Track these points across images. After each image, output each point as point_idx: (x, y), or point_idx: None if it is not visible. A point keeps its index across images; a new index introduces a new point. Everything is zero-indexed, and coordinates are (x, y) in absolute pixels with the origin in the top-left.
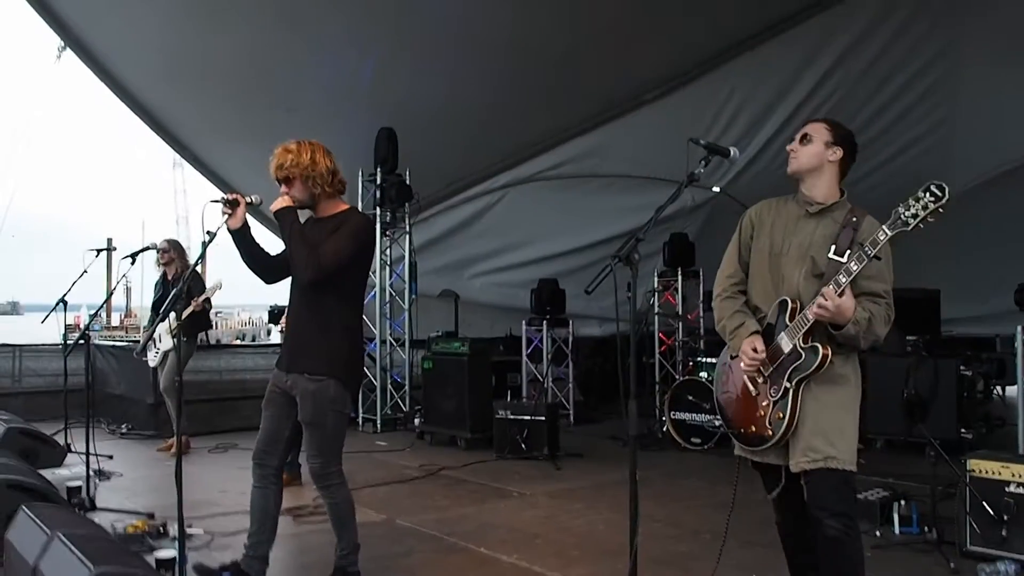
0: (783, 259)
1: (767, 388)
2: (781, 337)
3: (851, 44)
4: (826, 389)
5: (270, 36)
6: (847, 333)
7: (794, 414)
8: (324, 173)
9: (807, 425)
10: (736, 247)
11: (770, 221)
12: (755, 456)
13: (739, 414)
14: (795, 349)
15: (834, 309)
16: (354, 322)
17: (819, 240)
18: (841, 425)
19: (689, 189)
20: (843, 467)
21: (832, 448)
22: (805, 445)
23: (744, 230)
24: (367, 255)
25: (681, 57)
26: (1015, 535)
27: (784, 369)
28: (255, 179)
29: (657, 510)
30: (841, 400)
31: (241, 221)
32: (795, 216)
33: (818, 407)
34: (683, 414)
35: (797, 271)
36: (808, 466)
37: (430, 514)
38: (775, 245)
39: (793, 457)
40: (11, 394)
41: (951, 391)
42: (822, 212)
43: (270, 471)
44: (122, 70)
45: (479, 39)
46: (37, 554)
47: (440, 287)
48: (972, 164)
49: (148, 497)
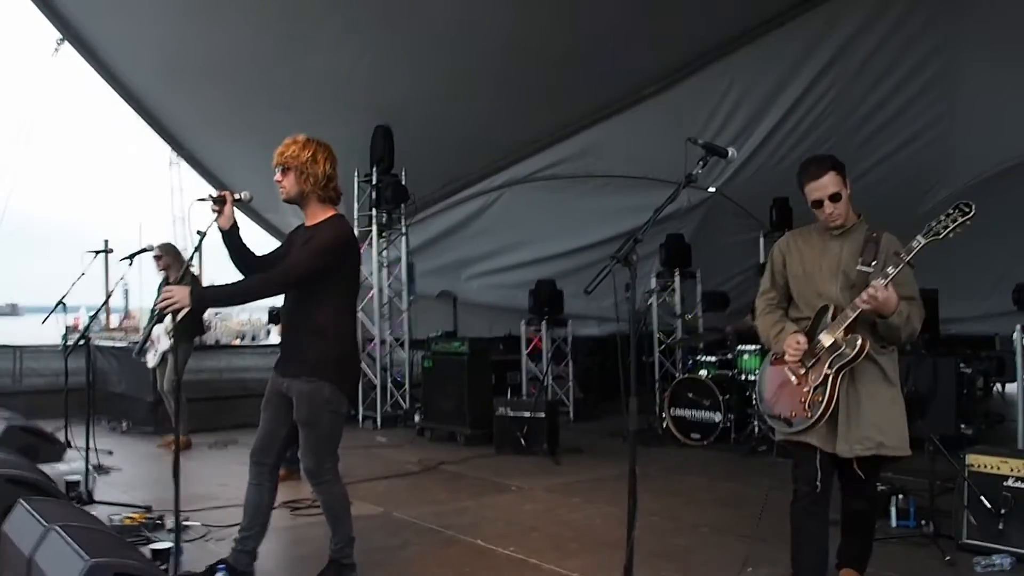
0: (818, 277)
1: (808, 377)
2: (822, 334)
3: (849, 38)
4: (879, 386)
5: (268, 34)
6: (892, 322)
7: (832, 398)
8: (319, 175)
9: (861, 417)
10: (770, 273)
11: (798, 249)
12: (797, 436)
13: (783, 402)
14: (836, 342)
15: (882, 299)
16: (345, 325)
17: (847, 257)
18: (892, 419)
19: (685, 189)
20: (893, 454)
21: (883, 437)
22: (859, 434)
23: (775, 261)
24: (347, 263)
25: (679, 52)
26: (1012, 528)
27: (825, 360)
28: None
29: (655, 504)
30: (892, 396)
31: (230, 220)
32: (820, 240)
33: (871, 403)
34: (683, 410)
35: (834, 285)
36: (862, 453)
37: (428, 507)
38: (808, 267)
39: (847, 443)
40: (12, 393)
41: (950, 388)
42: (844, 233)
43: (266, 469)
44: (120, 65)
45: (475, 38)
46: (33, 545)
47: (438, 288)
48: (972, 161)
49: (146, 491)
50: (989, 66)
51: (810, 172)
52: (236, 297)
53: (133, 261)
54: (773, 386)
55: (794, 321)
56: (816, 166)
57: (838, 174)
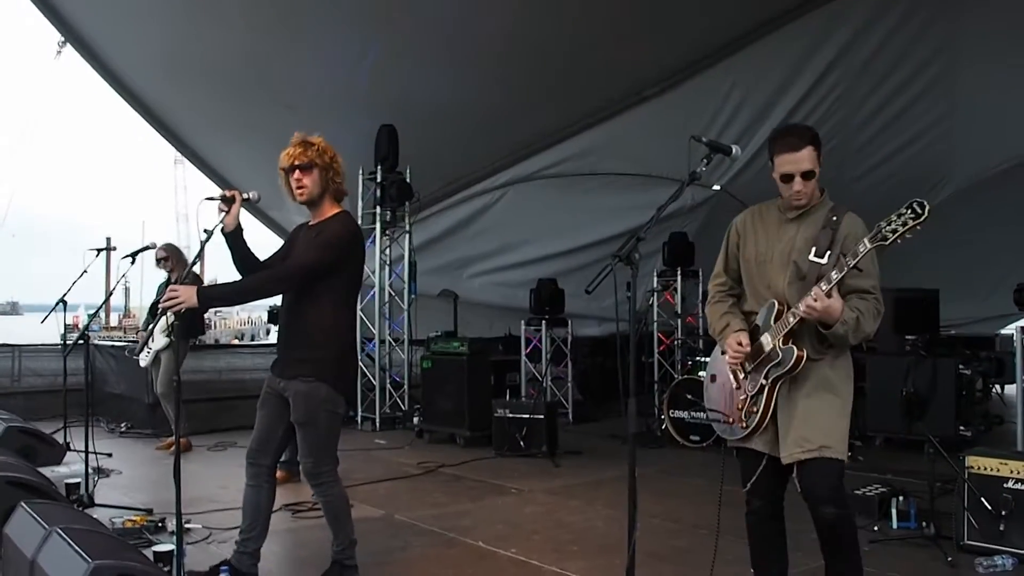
0: (768, 266)
1: (746, 383)
2: (764, 337)
3: (851, 38)
4: (820, 393)
5: (270, 33)
6: (836, 332)
7: (767, 410)
8: (340, 172)
9: (799, 421)
10: (724, 256)
11: (754, 230)
12: (739, 443)
13: (722, 403)
14: (774, 349)
15: (822, 309)
16: (344, 324)
17: (800, 244)
18: (831, 424)
19: (689, 187)
20: (836, 456)
21: (825, 438)
22: (798, 436)
23: (731, 240)
24: (352, 259)
25: (682, 52)
26: (1012, 530)
27: (763, 367)
28: (255, 176)
29: (655, 506)
30: (831, 404)
31: (236, 220)
32: (777, 222)
33: (809, 409)
34: (682, 412)
35: (782, 277)
36: (802, 456)
37: (428, 510)
38: (760, 253)
39: (786, 449)
40: (11, 394)
41: (950, 389)
42: (802, 215)
43: (263, 470)
44: (122, 66)
45: (479, 37)
46: (35, 548)
47: (439, 287)
48: (974, 160)
49: (146, 494)
50: (991, 66)
51: (787, 142)
52: (242, 295)
53: (135, 259)
54: (718, 380)
55: (745, 316)
56: (796, 136)
57: (815, 150)
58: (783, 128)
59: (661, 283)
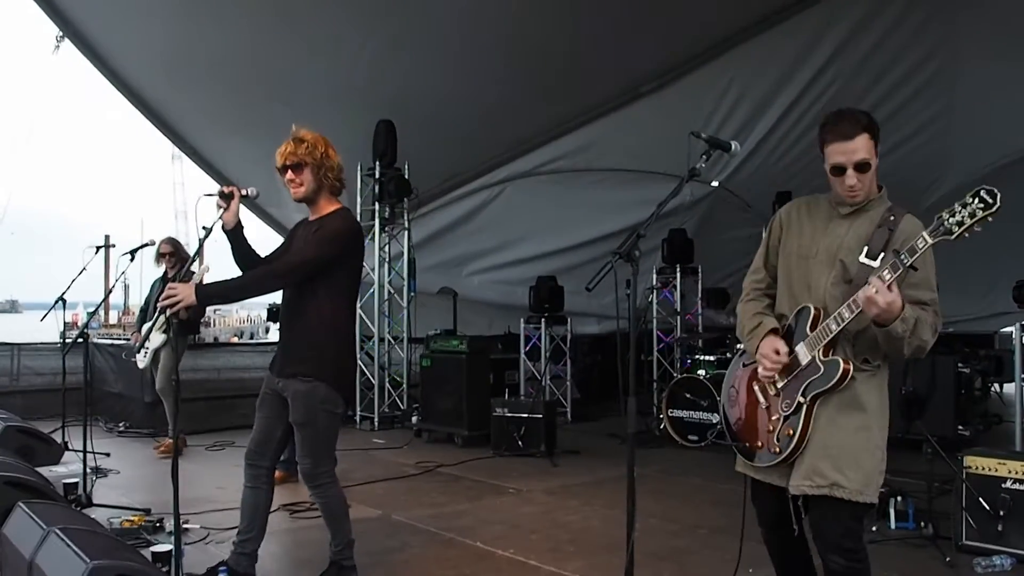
0: (811, 262)
1: (779, 402)
2: (799, 347)
3: (849, 34)
4: (844, 412)
5: (269, 29)
6: (894, 332)
7: (805, 432)
8: (334, 167)
9: (815, 445)
10: (764, 249)
11: (799, 222)
12: (758, 474)
13: (746, 427)
14: (813, 361)
15: (885, 304)
16: (343, 322)
17: (851, 242)
18: (855, 453)
19: (687, 184)
20: (850, 497)
21: (839, 475)
22: (811, 466)
23: (773, 232)
24: (351, 255)
25: (679, 48)
26: (1011, 530)
27: (800, 382)
28: (253, 172)
29: (654, 506)
30: (860, 425)
31: (235, 217)
32: (826, 217)
33: (832, 430)
34: (680, 411)
35: (825, 276)
36: (809, 491)
37: (426, 510)
38: (803, 247)
39: (794, 479)
40: (9, 392)
41: (949, 388)
42: (856, 212)
43: (262, 471)
44: (120, 61)
45: (477, 33)
46: (33, 548)
47: (439, 284)
48: (972, 157)
49: (145, 494)
50: (988, 62)
51: (839, 129)
52: (242, 291)
53: (135, 256)
54: (740, 402)
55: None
56: (848, 123)
57: (872, 138)
58: (833, 113)
59: (660, 280)
